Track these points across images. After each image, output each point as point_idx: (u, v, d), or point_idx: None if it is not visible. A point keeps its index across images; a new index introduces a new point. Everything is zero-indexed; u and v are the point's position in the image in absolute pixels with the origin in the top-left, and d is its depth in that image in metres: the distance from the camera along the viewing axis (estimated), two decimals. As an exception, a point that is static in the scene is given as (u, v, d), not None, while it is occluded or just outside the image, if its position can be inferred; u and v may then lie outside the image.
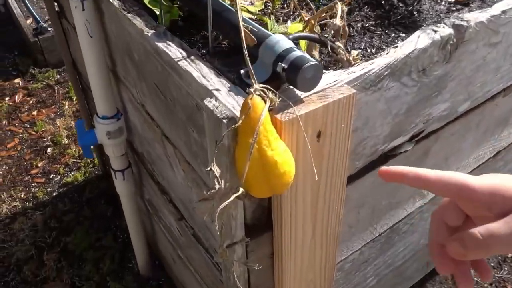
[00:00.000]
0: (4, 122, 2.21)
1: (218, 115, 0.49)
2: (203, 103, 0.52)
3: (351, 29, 0.98)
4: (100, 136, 1.04)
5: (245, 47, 0.49)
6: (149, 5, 0.83)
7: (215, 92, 0.54)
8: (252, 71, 0.49)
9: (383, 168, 0.43)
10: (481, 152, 1.03)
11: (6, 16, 3.03)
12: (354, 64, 0.61)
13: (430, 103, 0.76)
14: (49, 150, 2.02)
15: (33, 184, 1.86)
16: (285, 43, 0.54)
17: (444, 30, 0.70)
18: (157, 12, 0.75)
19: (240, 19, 0.50)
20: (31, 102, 2.33)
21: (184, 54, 0.64)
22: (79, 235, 1.60)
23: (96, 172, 1.87)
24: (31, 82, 2.46)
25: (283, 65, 0.51)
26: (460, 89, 0.80)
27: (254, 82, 0.48)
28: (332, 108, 0.53)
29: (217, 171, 0.45)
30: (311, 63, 0.50)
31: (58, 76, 2.50)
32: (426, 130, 0.80)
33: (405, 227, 1.01)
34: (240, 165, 0.48)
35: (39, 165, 1.94)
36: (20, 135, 2.12)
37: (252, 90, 0.48)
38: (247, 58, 0.49)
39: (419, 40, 0.67)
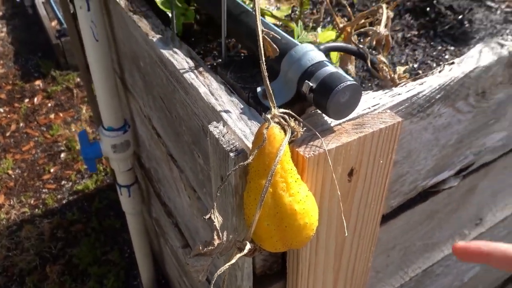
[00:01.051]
0: (21, 124, 2.18)
1: (225, 145, 0.39)
2: (208, 128, 0.42)
3: (391, 39, 0.86)
4: (105, 149, 0.95)
5: (263, 59, 0.38)
6: (161, 6, 0.73)
7: (223, 115, 0.44)
8: (271, 91, 0.38)
9: (459, 244, 0.32)
10: (535, 188, 0.88)
11: (33, 17, 3.04)
12: (399, 83, 0.49)
13: (485, 132, 0.63)
14: (62, 155, 1.96)
15: (43, 190, 1.80)
16: (315, 55, 0.43)
17: (513, 44, 0.57)
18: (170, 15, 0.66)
19: (259, 23, 0.39)
20: (49, 105, 2.30)
21: (192, 64, 0.54)
22: (85, 248, 1.52)
23: (108, 181, 1.79)
24: (51, 84, 2.43)
25: (311, 84, 0.40)
26: (520, 115, 0.67)
27: (273, 106, 0.38)
28: (370, 141, 0.42)
29: (218, 220, 0.35)
30: (348, 83, 0.39)
31: (78, 79, 2.46)
32: (477, 163, 0.67)
33: (439, 270, 0.87)
34: (249, 213, 0.37)
35: (52, 170, 1.89)
36: (36, 139, 2.08)
37: (269, 116, 0.37)
38: (265, 74, 0.38)
39: (481, 56, 0.54)
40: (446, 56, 0.80)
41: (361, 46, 0.51)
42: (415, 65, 0.77)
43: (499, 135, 0.66)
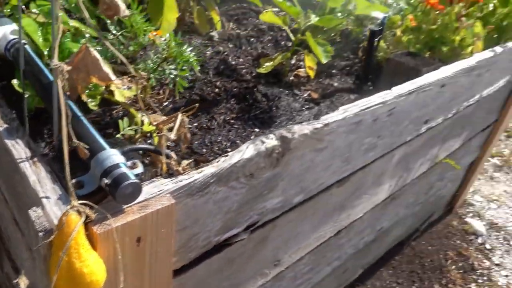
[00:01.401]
0: None
1: (37, 227, 0.55)
2: (28, 212, 0.58)
3: (213, 121, 1.11)
4: (-46, 209, 1.01)
5: (68, 167, 0.57)
6: (17, 88, 0.88)
7: (44, 200, 0.60)
8: (72, 189, 0.56)
9: None
10: (322, 233, 1.19)
11: None
12: (183, 173, 0.71)
13: (262, 199, 0.89)
14: None
15: None
16: (114, 158, 0.63)
17: (271, 141, 0.84)
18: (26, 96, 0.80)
19: (65, 139, 0.58)
20: None
21: (29, 154, 0.69)
22: None
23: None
24: None
25: (107, 180, 0.59)
26: (292, 185, 0.95)
27: (72, 198, 0.56)
28: (150, 218, 0.62)
29: (24, 283, 0.51)
30: (130, 181, 0.59)
31: None
32: (262, 221, 0.93)
33: (252, 302, 1.10)
34: (52, 274, 0.54)
35: None
36: None
37: (68, 207, 0.55)
38: (68, 177, 0.56)
39: (246, 150, 0.80)
40: (252, 137, 1.06)
41: (153, 146, 0.72)
42: (228, 144, 1.02)
43: (276, 200, 0.93)
